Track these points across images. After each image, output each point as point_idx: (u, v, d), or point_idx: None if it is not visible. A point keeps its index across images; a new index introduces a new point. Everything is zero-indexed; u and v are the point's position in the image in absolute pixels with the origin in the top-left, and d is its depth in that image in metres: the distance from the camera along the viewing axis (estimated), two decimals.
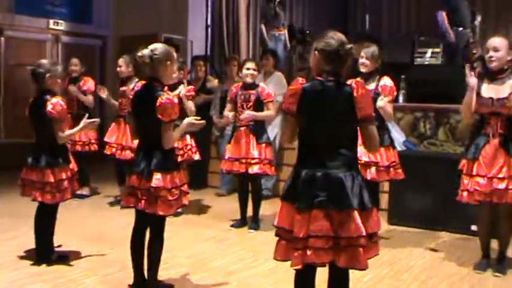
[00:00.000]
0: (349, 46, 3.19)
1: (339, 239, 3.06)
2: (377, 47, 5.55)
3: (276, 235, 3.24)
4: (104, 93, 7.16)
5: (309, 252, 3.04)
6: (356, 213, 3.04)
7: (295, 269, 3.15)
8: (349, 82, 3.14)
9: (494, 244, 5.05)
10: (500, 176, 4.59)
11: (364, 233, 3.03)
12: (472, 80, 4.71)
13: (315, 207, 3.06)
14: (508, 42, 4.66)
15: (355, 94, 3.09)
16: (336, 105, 3.13)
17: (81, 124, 4.99)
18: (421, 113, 7.59)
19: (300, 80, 3.23)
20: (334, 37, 3.19)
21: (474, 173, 4.69)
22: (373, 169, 5.37)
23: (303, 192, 3.12)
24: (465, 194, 4.77)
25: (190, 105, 6.26)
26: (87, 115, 5.15)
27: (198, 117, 4.25)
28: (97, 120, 5.24)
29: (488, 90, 4.67)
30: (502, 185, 4.57)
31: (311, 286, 3.32)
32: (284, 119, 3.38)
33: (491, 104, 4.64)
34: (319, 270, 3.24)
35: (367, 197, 3.14)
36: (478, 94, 4.70)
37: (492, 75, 4.73)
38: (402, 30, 12.20)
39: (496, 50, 4.64)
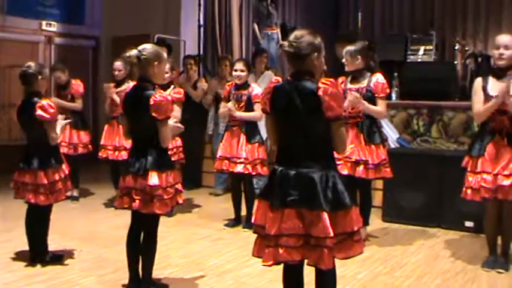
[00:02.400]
0: (302, 44, 3.19)
1: (309, 238, 3.09)
2: (356, 45, 5.49)
3: (254, 232, 3.32)
4: (110, 91, 7.09)
5: (281, 251, 3.10)
6: (325, 214, 3.05)
7: (264, 265, 3.21)
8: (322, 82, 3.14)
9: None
10: (506, 173, 4.59)
11: (331, 234, 3.03)
12: (504, 87, 4.58)
13: (287, 206, 3.10)
14: None
15: (320, 93, 3.07)
16: (302, 104, 3.13)
17: (59, 126, 4.89)
18: (414, 110, 7.62)
19: (274, 79, 3.35)
20: (294, 37, 3.24)
21: (479, 169, 4.68)
22: (361, 167, 5.35)
23: (277, 190, 3.17)
24: (469, 191, 4.77)
25: (176, 109, 5.96)
26: (59, 116, 5.09)
27: (176, 120, 4.25)
28: (68, 121, 5.31)
29: (495, 88, 4.62)
30: (507, 182, 4.58)
31: (299, 283, 3.37)
32: (265, 119, 3.46)
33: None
34: (309, 269, 3.25)
35: (345, 196, 3.14)
36: (484, 92, 4.68)
37: (498, 73, 4.71)
38: (395, 28, 12.21)
39: (507, 48, 4.62)
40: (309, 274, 3.35)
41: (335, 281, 3.30)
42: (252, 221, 3.34)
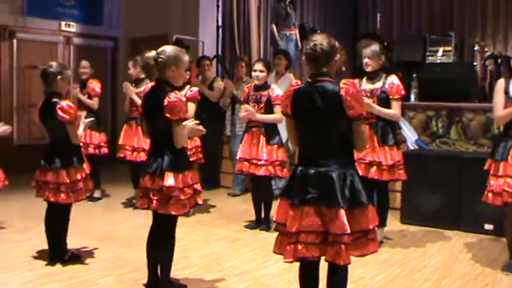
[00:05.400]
0: (324, 47, 3.27)
1: (327, 234, 3.17)
2: (378, 45, 5.48)
3: (275, 230, 3.44)
4: (129, 90, 7.03)
5: (300, 247, 3.20)
6: (342, 211, 3.13)
7: (285, 261, 3.32)
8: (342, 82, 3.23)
9: None
10: None
11: (348, 231, 3.12)
12: None
13: (306, 204, 3.20)
14: None
15: (342, 93, 3.18)
16: (323, 105, 3.23)
17: (82, 125, 4.99)
18: (433, 111, 7.56)
19: (294, 82, 3.49)
20: (315, 40, 3.31)
21: (501, 173, 4.64)
22: (374, 168, 5.31)
23: (297, 189, 3.28)
24: (490, 195, 4.73)
25: (189, 107, 5.76)
26: (84, 114, 5.16)
27: (198, 122, 4.24)
28: (90, 120, 5.39)
29: None
30: None
31: (314, 279, 3.42)
32: (286, 122, 3.55)
33: None
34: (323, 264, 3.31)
35: (362, 194, 3.23)
36: (507, 94, 4.63)
37: None
38: (413, 29, 12.14)
39: None
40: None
41: (346, 280, 3.37)
42: (274, 219, 3.43)
